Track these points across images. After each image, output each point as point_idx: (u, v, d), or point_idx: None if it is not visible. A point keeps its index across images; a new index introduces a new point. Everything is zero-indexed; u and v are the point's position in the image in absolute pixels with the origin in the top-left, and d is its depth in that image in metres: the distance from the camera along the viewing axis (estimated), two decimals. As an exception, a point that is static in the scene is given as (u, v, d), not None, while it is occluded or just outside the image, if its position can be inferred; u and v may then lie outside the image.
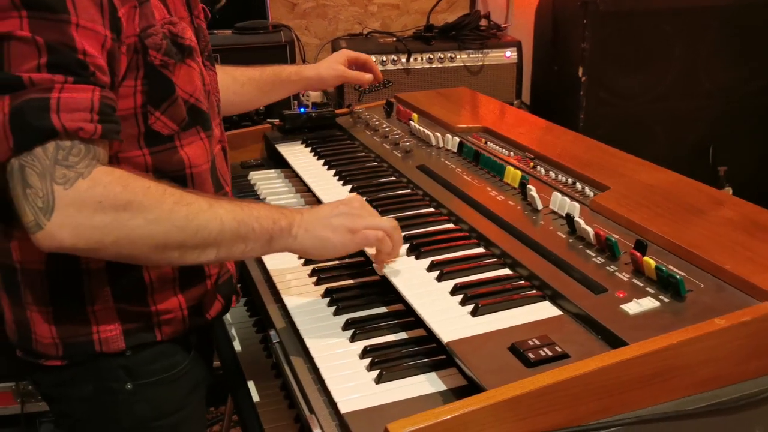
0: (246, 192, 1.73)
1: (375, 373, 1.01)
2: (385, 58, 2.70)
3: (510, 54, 2.77)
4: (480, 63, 2.76)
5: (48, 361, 1.13)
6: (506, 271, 1.17)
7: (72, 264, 1.08)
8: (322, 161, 1.70)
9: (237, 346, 1.55)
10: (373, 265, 1.21)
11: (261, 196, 1.69)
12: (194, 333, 1.24)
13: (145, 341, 1.15)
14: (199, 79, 1.16)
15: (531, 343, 0.94)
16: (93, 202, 0.95)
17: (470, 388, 0.94)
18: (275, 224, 1.08)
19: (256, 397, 1.38)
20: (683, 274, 1.03)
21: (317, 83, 1.78)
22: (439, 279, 1.15)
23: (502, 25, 2.93)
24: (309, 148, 1.81)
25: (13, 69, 0.93)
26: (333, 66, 1.77)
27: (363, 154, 1.74)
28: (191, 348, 1.23)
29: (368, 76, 1.80)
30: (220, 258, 1.08)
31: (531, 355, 0.92)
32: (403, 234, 1.28)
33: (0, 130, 0.92)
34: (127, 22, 1.02)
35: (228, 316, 1.57)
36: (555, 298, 1.06)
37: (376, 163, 1.66)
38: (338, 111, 2.00)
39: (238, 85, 1.65)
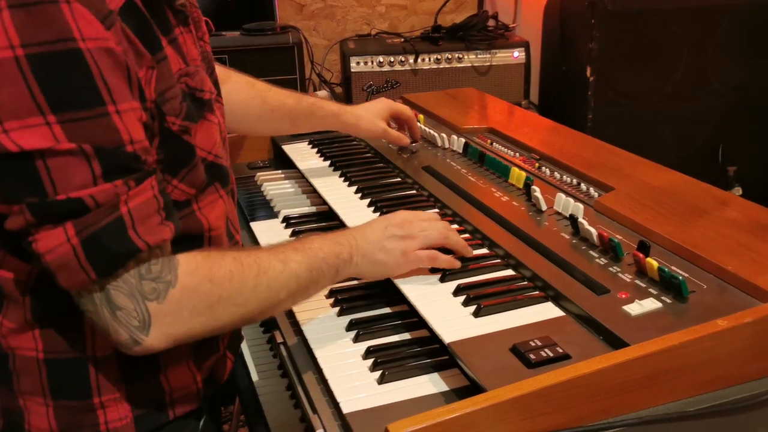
0: (253, 193, 1.74)
1: (378, 373, 1.01)
2: (392, 59, 2.70)
3: (518, 54, 2.77)
4: (488, 63, 2.76)
5: None
6: (509, 272, 1.17)
7: (76, 352, 0.98)
8: (328, 162, 1.71)
9: (245, 349, 1.56)
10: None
11: (267, 197, 1.69)
12: (207, 399, 1.16)
13: (158, 424, 1.06)
14: (218, 132, 1.06)
15: (532, 344, 0.94)
16: (188, 309, 0.92)
17: (472, 388, 0.94)
18: (339, 258, 1.08)
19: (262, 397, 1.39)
20: (686, 275, 1.03)
21: (353, 132, 1.66)
22: (442, 280, 1.15)
23: (510, 26, 2.93)
24: (315, 149, 1.82)
25: (64, 188, 0.81)
26: (375, 123, 1.60)
27: (369, 155, 1.74)
28: (203, 414, 1.16)
29: (408, 140, 1.66)
30: (296, 303, 1.08)
31: (532, 356, 0.92)
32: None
33: (72, 262, 0.83)
34: (145, 86, 0.90)
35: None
36: (557, 299, 1.06)
37: (382, 164, 1.67)
38: (345, 112, 2.00)
39: (268, 109, 1.55)
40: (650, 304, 0.98)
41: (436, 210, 1.41)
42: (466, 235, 1.29)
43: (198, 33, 1.12)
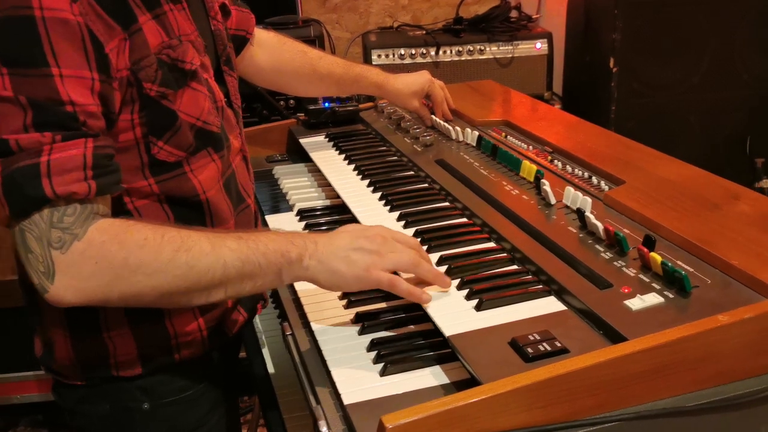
0: (271, 187, 1.76)
1: (380, 365, 1.03)
2: (414, 51, 2.70)
3: (540, 46, 2.75)
4: (510, 55, 2.75)
5: (67, 379, 1.16)
6: (514, 266, 1.17)
7: None
8: (343, 156, 1.73)
9: (262, 340, 1.58)
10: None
11: (284, 191, 1.72)
12: (216, 350, 1.23)
13: (163, 364, 1.15)
14: (207, 101, 1.12)
15: (531, 338, 0.95)
16: (90, 264, 0.94)
17: (473, 381, 0.95)
18: (283, 257, 1.04)
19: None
20: (691, 269, 1.02)
21: (391, 102, 1.86)
22: (447, 273, 1.15)
23: (533, 17, 2.91)
24: (331, 143, 1.84)
25: (1, 131, 0.91)
26: (410, 100, 1.76)
27: (384, 148, 1.75)
28: (212, 366, 1.22)
29: (430, 121, 1.79)
30: (231, 296, 1.05)
31: (530, 350, 0.92)
32: (416, 228, 1.30)
33: None
34: (117, 56, 0.98)
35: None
36: (560, 293, 1.06)
37: (395, 158, 1.68)
38: (362, 105, 2.01)
39: (317, 77, 1.70)
40: (652, 299, 0.97)
41: (446, 204, 1.41)
42: (476, 228, 1.29)
43: (211, 12, 1.24)
